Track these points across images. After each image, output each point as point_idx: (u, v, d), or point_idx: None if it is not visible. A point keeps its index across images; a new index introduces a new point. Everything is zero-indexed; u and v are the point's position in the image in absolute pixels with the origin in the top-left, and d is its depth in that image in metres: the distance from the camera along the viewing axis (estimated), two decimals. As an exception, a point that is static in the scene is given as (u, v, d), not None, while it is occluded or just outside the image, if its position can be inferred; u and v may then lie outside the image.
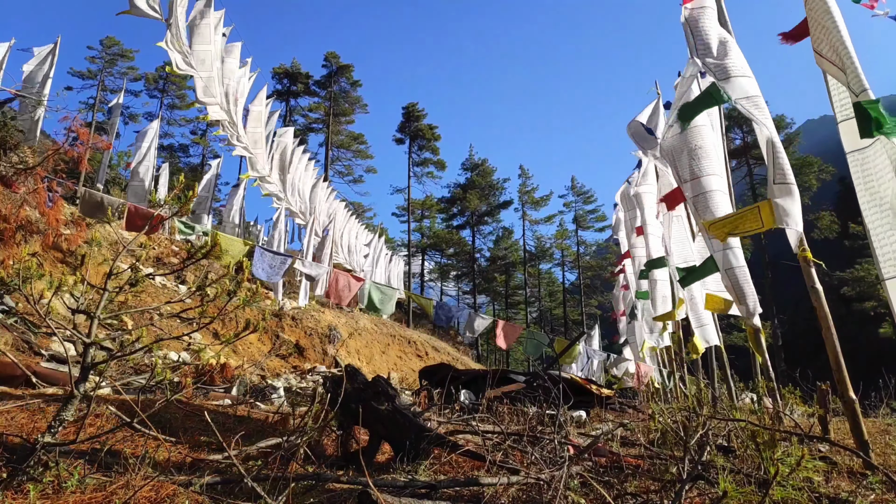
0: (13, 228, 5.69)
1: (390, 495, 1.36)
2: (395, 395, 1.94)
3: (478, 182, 39.58)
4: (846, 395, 2.35)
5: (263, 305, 9.89)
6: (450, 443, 1.89)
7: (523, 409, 2.74)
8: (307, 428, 1.64)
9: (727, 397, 5.08)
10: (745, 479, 1.67)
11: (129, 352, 1.34)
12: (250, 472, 1.38)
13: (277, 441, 1.83)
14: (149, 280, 2.86)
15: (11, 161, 6.83)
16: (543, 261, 41.63)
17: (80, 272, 1.29)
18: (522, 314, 40.02)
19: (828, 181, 31.69)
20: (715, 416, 2.52)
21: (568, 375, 4.16)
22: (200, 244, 1.43)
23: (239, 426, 2.29)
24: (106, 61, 30.54)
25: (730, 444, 2.14)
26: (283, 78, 33.71)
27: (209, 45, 8.00)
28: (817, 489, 1.68)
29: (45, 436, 1.23)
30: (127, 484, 1.32)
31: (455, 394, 3.25)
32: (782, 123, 31.73)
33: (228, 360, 6.02)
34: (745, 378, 6.21)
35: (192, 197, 1.60)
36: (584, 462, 1.88)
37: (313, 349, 10.58)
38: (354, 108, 35.05)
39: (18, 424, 2.01)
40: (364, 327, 13.52)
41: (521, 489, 1.60)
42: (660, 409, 2.63)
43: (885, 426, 3.51)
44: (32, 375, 2.94)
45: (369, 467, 1.78)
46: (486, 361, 31.57)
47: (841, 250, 32.16)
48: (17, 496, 1.20)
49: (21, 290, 1.33)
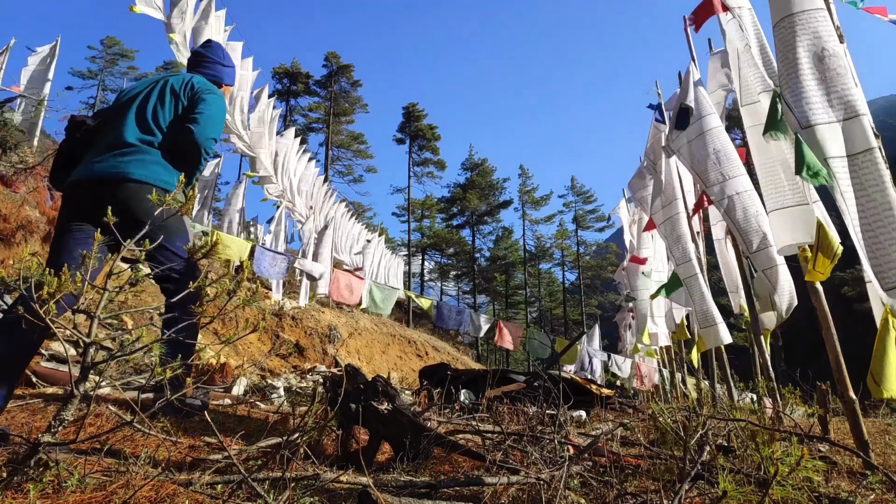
0: (13, 228, 5.70)
1: (390, 495, 1.37)
2: (395, 395, 1.94)
3: (478, 182, 39.60)
4: (846, 395, 2.35)
5: (263, 305, 9.89)
6: (450, 442, 1.89)
7: (523, 408, 2.74)
8: (307, 428, 1.64)
9: (727, 397, 5.08)
10: (745, 478, 1.67)
11: (129, 352, 1.34)
12: (250, 471, 1.38)
13: (277, 441, 1.83)
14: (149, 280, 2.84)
15: (11, 161, 6.84)
16: (543, 261, 41.66)
17: (80, 272, 1.29)
18: (522, 314, 40.03)
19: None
20: (715, 416, 2.52)
21: (568, 375, 4.17)
22: (200, 244, 1.43)
23: (239, 426, 2.29)
24: (106, 61, 30.58)
25: (730, 444, 2.14)
26: (284, 78, 33.75)
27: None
28: (817, 489, 1.68)
29: (45, 435, 1.23)
30: (127, 483, 1.32)
31: (455, 394, 3.25)
32: (782, 123, 31.77)
33: (228, 360, 6.02)
34: (745, 378, 6.22)
35: (192, 197, 1.60)
36: (584, 462, 1.88)
37: (313, 349, 10.59)
38: (354, 108, 35.08)
39: (18, 424, 2.01)
40: (364, 327, 13.53)
41: (521, 489, 1.60)
42: (660, 408, 2.63)
43: (885, 426, 3.51)
44: (32, 375, 2.95)
45: (369, 467, 1.78)
46: (486, 361, 31.57)
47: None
48: (17, 496, 1.20)
49: (21, 290, 1.33)
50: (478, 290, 39.68)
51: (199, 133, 2.27)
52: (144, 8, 6.76)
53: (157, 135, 2.27)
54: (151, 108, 2.32)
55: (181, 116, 2.35)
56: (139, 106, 2.32)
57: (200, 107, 2.35)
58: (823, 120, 2.31)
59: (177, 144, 2.29)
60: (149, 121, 2.28)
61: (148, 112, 2.30)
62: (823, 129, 2.29)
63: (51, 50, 12.06)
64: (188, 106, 2.37)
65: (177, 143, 2.29)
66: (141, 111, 2.31)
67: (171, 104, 2.36)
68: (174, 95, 2.38)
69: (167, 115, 2.33)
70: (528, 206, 39.79)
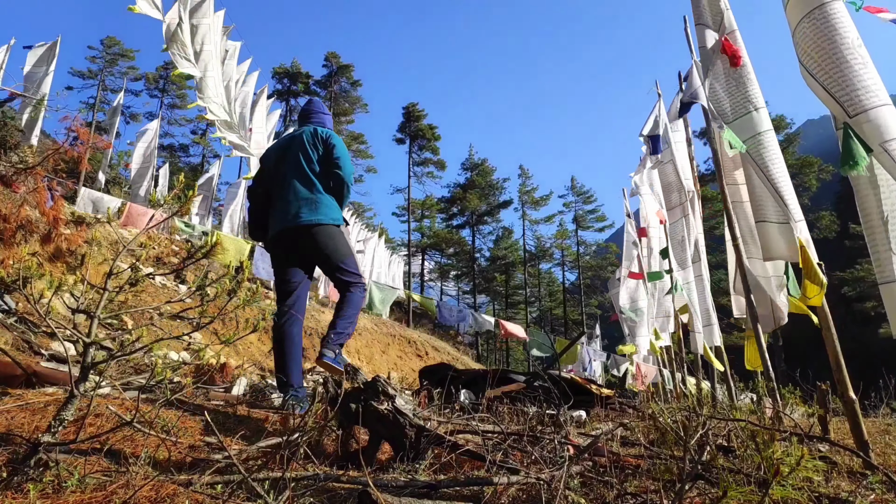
0: (13, 228, 5.70)
1: (390, 495, 1.36)
2: (395, 395, 1.94)
3: (478, 182, 39.60)
4: (846, 395, 2.35)
5: (263, 305, 9.89)
6: (450, 442, 1.89)
7: (523, 409, 2.74)
8: (307, 428, 1.64)
9: (727, 397, 5.08)
10: (745, 479, 1.67)
11: (129, 352, 1.34)
12: (250, 471, 1.38)
13: (277, 441, 1.83)
14: (149, 280, 2.86)
15: (11, 161, 6.85)
16: (543, 261, 41.66)
17: (80, 272, 1.29)
18: (522, 314, 40.03)
19: (827, 181, 31.72)
20: (715, 416, 2.52)
21: (568, 375, 4.17)
22: (200, 244, 1.44)
23: (239, 426, 2.29)
24: (106, 61, 30.58)
25: (730, 444, 2.14)
26: (284, 78, 33.78)
27: (210, 45, 8.01)
28: (817, 489, 1.68)
29: (46, 435, 1.23)
30: (127, 483, 1.32)
31: (455, 394, 3.25)
32: (782, 124, 31.75)
33: (228, 360, 6.02)
34: (744, 378, 6.22)
35: (193, 197, 1.60)
36: (584, 462, 1.88)
37: (313, 349, 10.59)
38: (355, 107, 35.10)
39: (18, 424, 2.01)
40: (364, 327, 13.53)
41: (521, 489, 1.60)
42: (660, 408, 2.63)
43: (885, 426, 3.51)
44: (32, 375, 2.94)
45: (369, 467, 1.78)
46: (486, 361, 31.57)
47: (841, 250, 32.18)
48: (17, 496, 1.20)
49: (21, 290, 1.33)
50: (478, 290, 39.68)
51: (346, 175, 3.05)
52: (144, 8, 6.76)
53: (317, 183, 3.01)
54: (306, 165, 3.02)
55: (324, 163, 3.06)
56: (295, 165, 3.02)
57: (336, 152, 3.05)
58: (876, 103, 2.21)
59: (330, 186, 3.05)
60: (309, 175, 3.01)
61: (305, 168, 3.01)
62: (881, 111, 2.20)
63: (47, 50, 12.03)
64: (324, 153, 3.06)
65: (330, 185, 3.05)
66: (300, 169, 3.01)
67: (313, 156, 3.04)
68: (313, 148, 3.06)
69: (316, 166, 3.03)
70: (528, 206, 39.79)
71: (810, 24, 2.43)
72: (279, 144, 3.18)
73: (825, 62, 2.36)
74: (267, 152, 3.23)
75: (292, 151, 3.06)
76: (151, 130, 15.14)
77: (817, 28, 2.40)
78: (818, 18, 2.41)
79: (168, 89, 32.55)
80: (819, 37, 2.40)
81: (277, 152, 3.12)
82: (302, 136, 3.08)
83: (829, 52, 2.36)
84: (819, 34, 2.40)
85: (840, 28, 2.37)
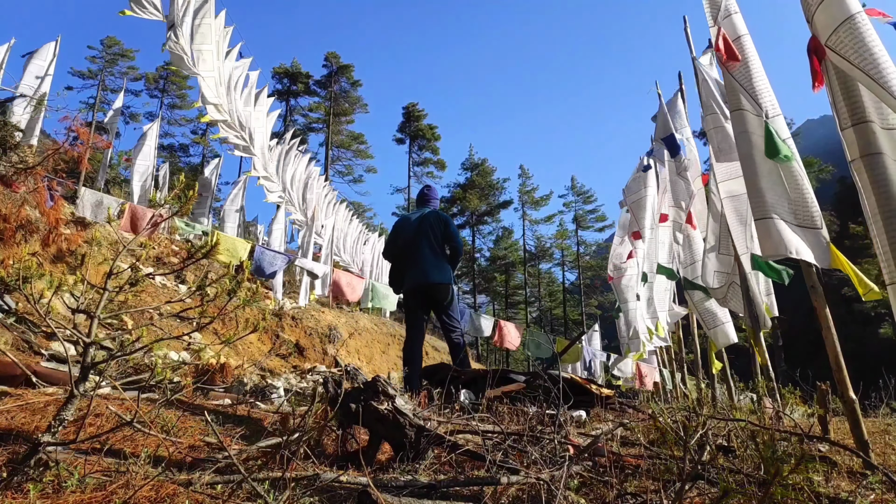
0: (13, 228, 5.70)
1: (390, 495, 1.36)
2: (395, 395, 1.94)
3: (478, 182, 39.57)
4: (846, 395, 2.35)
5: (263, 305, 9.88)
6: (450, 442, 1.89)
7: (523, 408, 2.74)
8: (307, 428, 1.64)
9: (727, 397, 5.08)
10: (745, 479, 1.67)
11: (129, 351, 1.34)
12: (250, 471, 1.38)
13: (277, 441, 1.82)
14: (149, 280, 2.85)
15: (11, 161, 6.85)
16: (543, 261, 41.64)
17: (80, 272, 1.29)
18: (522, 314, 40.02)
19: (827, 181, 31.71)
20: (715, 416, 2.52)
21: (568, 375, 4.16)
22: (200, 244, 1.44)
23: (239, 426, 2.29)
24: (106, 61, 30.55)
25: (730, 444, 2.14)
26: (284, 78, 33.75)
27: (210, 45, 8.01)
28: (817, 489, 1.68)
29: (46, 435, 1.23)
30: (127, 483, 1.32)
31: (455, 394, 3.24)
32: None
33: (228, 360, 6.02)
34: (745, 378, 6.22)
35: (193, 197, 1.60)
36: (584, 462, 1.88)
37: (313, 349, 10.58)
38: (355, 107, 35.07)
39: (18, 424, 2.01)
40: (364, 327, 13.53)
41: (521, 489, 1.60)
42: (660, 408, 2.63)
43: (885, 426, 3.51)
44: (32, 375, 2.94)
45: (369, 467, 1.78)
46: (486, 361, 31.55)
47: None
48: (17, 496, 1.20)
49: (21, 290, 1.33)
50: (478, 290, 39.67)
51: (459, 248, 4.30)
52: (137, 11, 6.75)
53: (440, 252, 4.21)
54: (433, 236, 4.20)
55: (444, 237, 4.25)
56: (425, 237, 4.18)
57: (450, 230, 4.28)
58: None
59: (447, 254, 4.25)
60: (435, 245, 4.19)
61: (433, 239, 4.19)
62: None
63: (46, 50, 12.01)
64: (444, 230, 4.26)
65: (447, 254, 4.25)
66: (429, 240, 4.18)
67: (438, 230, 4.24)
68: (437, 224, 4.26)
69: (440, 239, 4.23)
70: (528, 206, 39.78)
71: (844, 33, 2.46)
72: (412, 220, 4.31)
73: (864, 67, 2.39)
74: (402, 224, 4.37)
75: (423, 228, 4.21)
76: (152, 130, 15.13)
77: (855, 36, 2.44)
78: (852, 27, 2.45)
79: (168, 89, 32.53)
80: (856, 44, 2.43)
81: (412, 226, 4.26)
82: (429, 217, 4.28)
83: (867, 57, 2.39)
84: (855, 41, 2.43)
85: (871, 34, 2.43)
